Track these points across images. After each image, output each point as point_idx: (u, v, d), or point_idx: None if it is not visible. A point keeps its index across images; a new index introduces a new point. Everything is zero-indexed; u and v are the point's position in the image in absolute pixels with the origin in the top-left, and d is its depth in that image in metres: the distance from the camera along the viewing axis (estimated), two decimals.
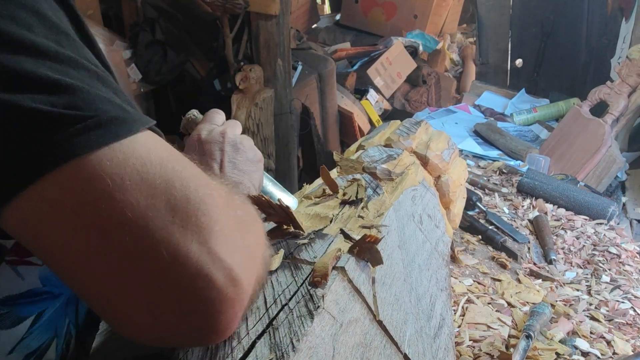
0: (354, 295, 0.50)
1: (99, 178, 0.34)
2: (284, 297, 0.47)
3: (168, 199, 0.35)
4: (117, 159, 0.35)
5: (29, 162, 0.33)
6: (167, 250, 0.35)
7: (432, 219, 0.91)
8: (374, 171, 0.87)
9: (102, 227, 0.34)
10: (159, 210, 0.35)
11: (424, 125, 1.14)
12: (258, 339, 0.41)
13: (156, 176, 0.36)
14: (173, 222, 0.35)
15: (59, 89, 0.34)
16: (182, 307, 0.36)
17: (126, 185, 0.34)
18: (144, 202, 0.35)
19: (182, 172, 0.37)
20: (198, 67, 3.17)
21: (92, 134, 0.34)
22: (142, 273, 0.35)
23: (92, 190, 0.34)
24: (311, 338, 0.41)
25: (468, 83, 3.41)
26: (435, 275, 0.77)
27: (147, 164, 0.36)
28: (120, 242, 0.34)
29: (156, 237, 0.35)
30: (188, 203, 0.36)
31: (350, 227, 0.63)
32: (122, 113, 0.37)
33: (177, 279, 0.35)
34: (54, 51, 0.35)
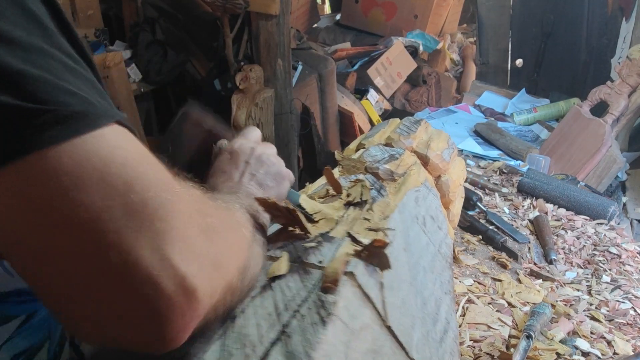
0: (364, 301, 0.50)
1: (56, 175, 0.33)
2: (295, 303, 0.46)
3: (125, 202, 0.35)
4: (77, 156, 0.34)
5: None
6: (118, 255, 0.34)
7: (435, 221, 0.90)
8: (376, 171, 0.86)
9: (55, 224, 0.34)
10: (113, 213, 0.34)
11: (424, 124, 1.14)
12: (272, 346, 0.41)
13: (115, 177, 0.35)
14: (127, 226, 0.34)
15: (22, 78, 0.33)
16: (129, 313, 0.35)
17: (83, 185, 0.34)
18: (100, 204, 0.34)
19: (144, 174, 0.36)
20: (198, 67, 3.17)
21: (51, 129, 0.33)
22: (91, 275, 0.34)
23: (48, 186, 0.33)
24: (325, 346, 0.41)
25: (468, 83, 3.41)
26: (440, 278, 0.77)
27: (109, 164, 0.35)
28: (72, 241, 0.34)
29: (108, 240, 0.34)
30: (145, 207, 0.35)
31: (356, 230, 0.63)
32: (86, 107, 0.35)
33: (125, 284, 0.34)
34: (22, 40, 0.34)
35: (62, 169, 0.33)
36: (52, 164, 0.33)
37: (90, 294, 0.35)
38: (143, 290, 0.35)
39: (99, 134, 0.35)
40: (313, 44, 3.62)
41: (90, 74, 0.39)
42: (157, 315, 0.35)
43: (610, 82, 2.05)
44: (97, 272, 0.34)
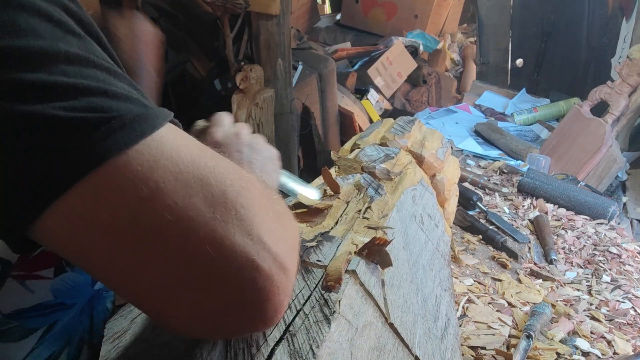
0: (366, 299, 0.50)
1: (132, 184, 0.33)
2: (298, 302, 0.47)
3: (205, 196, 0.35)
4: (147, 162, 0.34)
5: (57, 173, 0.32)
6: (212, 247, 0.34)
7: (432, 219, 0.91)
8: (373, 171, 0.87)
9: (143, 235, 0.33)
10: (198, 208, 0.34)
11: (418, 123, 1.15)
12: (277, 345, 0.41)
13: (190, 175, 0.35)
14: (214, 217, 0.35)
15: (76, 92, 0.33)
16: (231, 299, 0.35)
17: (161, 189, 0.33)
18: (182, 203, 0.34)
19: (215, 167, 0.37)
20: (198, 67, 3.17)
21: (117, 135, 0.33)
22: (190, 273, 0.34)
23: (127, 198, 0.33)
24: (330, 344, 0.41)
25: (468, 83, 3.41)
26: (439, 275, 0.78)
27: (179, 164, 0.35)
28: (165, 246, 0.34)
29: (200, 236, 0.34)
30: (226, 198, 0.35)
31: (356, 229, 0.63)
32: (143, 109, 0.35)
33: (225, 273, 0.35)
34: (64, 53, 0.34)
35: (138, 177, 0.33)
36: (127, 172, 0.33)
37: (192, 291, 0.35)
38: (244, 274, 0.35)
39: (159, 135, 0.35)
40: (313, 44, 3.62)
41: (126, 74, 0.39)
42: (259, 295, 0.36)
43: (611, 81, 2.05)
44: (196, 269, 0.34)
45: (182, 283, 0.35)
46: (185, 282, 0.35)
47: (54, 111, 0.31)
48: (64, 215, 0.32)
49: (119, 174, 0.33)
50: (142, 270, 0.34)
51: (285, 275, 0.37)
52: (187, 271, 0.34)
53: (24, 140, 0.31)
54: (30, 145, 0.31)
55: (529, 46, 2.85)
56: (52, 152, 0.31)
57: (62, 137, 0.32)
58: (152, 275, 0.34)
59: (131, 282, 0.35)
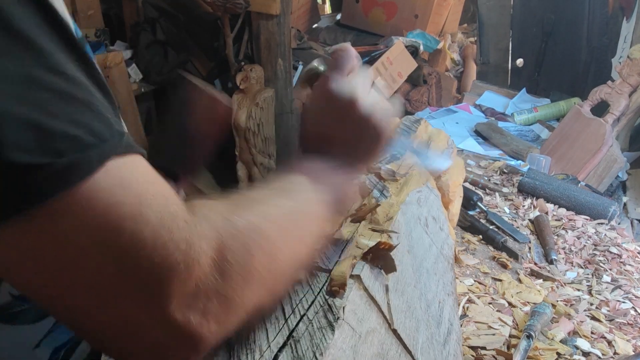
0: (370, 305, 0.50)
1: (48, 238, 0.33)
2: (302, 307, 0.46)
3: (119, 266, 0.35)
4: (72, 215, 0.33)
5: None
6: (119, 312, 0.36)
7: (437, 222, 0.90)
8: (378, 172, 0.86)
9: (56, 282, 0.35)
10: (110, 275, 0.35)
11: (424, 123, 1.14)
12: (280, 351, 0.41)
13: (109, 242, 0.34)
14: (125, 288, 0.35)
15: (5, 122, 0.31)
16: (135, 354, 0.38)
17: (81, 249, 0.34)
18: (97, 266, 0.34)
19: (141, 230, 0.35)
20: (199, 67, 3.17)
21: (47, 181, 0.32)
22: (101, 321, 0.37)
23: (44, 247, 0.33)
24: (333, 351, 0.41)
25: (469, 83, 3.41)
26: (442, 279, 0.77)
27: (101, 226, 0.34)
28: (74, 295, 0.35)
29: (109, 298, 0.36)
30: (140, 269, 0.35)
31: (360, 232, 0.62)
32: (78, 154, 0.33)
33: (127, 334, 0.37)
34: (8, 72, 0.31)
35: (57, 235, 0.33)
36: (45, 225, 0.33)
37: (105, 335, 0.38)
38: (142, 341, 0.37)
39: (91, 185, 0.33)
40: (314, 43, 3.62)
41: (90, 89, 0.36)
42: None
43: (611, 81, 2.05)
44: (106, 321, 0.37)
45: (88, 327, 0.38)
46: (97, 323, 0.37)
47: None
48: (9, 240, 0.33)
49: (38, 222, 0.32)
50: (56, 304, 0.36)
51: (189, 344, 0.38)
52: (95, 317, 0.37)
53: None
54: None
55: (529, 46, 2.84)
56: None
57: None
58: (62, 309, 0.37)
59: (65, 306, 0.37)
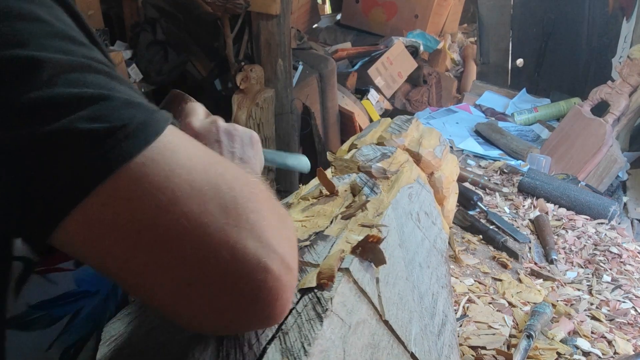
0: (360, 296, 0.50)
1: (149, 192, 0.34)
2: (291, 300, 0.46)
3: (219, 203, 0.36)
4: (163, 170, 0.35)
5: (71, 183, 0.33)
6: (226, 252, 0.36)
7: (429, 216, 0.91)
8: (369, 170, 0.87)
9: (160, 241, 0.35)
10: (213, 215, 0.36)
11: (415, 122, 1.15)
12: (268, 344, 0.41)
13: (204, 183, 0.36)
14: (227, 223, 0.36)
15: (82, 102, 0.34)
16: (243, 299, 0.37)
17: (178, 197, 0.35)
18: (198, 210, 0.35)
19: (224, 174, 0.38)
20: (199, 67, 3.17)
21: (123, 145, 0.34)
22: (205, 276, 0.36)
23: (144, 205, 0.34)
24: (322, 341, 0.41)
25: (469, 83, 3.41)
26: (436, 272, 0.77)
27: (193, 172, 0.36)
28: (182, 251, 0.35)
29: (215, 241, 0.36)
30: (237, 204, 0.37)
31: (350, 228, 0.63)
32: (146, 114, 0.36)
33: (238, 276, 0.36)
34: (66, 62, 0.35)
35: (152, 185, 0.34)
36: (141, 179, 0.34)
37: (207, 292, 0.37)
38: (256, 276, 0.37)
39: (165, 140, 0.36)
40: (314, 44, 3.62)
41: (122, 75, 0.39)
42: (269, 295, 0.38)
43: (611, 81, 2.05)
44: (210, 272, 0.36)
45: (197, 285, 0.36)
46: (201, 284, 0.36)
47: (62, 126, 0.33)
48: (82, 223, 0.34)
49: (133, 182, 0.34)
50: (159, 273, 0.36)
51: (291, 275, 0.40)
52: (203, 274, 0.36)
53: (38, 157, 0.33)
54: (44, 160, 0.33)
55: (529, 46, 2.84)
56: (65, 165, 0.33)
57: (72, 150, 0.33)
58: (168, 278, 0.36)
59: (148, 284, 0.37)
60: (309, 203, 0.75)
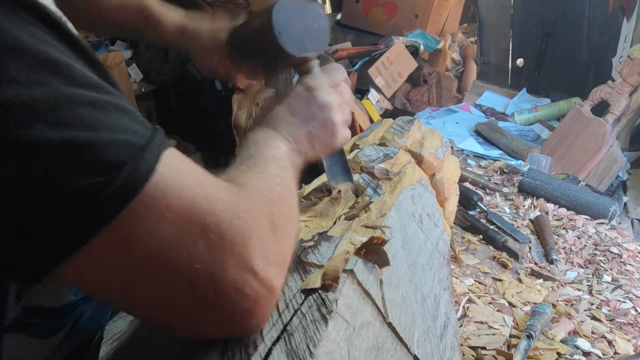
0: (364, 298, 0.51)
1: (136, 240, 0.36)
2: (296, 302, 0.47)
3: (206, 243, 0.39)
4: (151, 216, 0.36)
5: (68, 233, 0.34)
6: (210, 287, 0.39)
7: (432, 218, 0.91)
8: (372, 171, 0.87)
9: (150, 279, 0.38)
10: (200, 254, 0.38)
11: (417, 123, 1.15)
12: (274, 345, 0.42)
13: (191, 224, 0.38)
14: (213, 258, 0.39)
15: (62, 151, 0.33)
16: (223, 319, 0.41)
17: (165, 241, 0.37)
18: (185, 254, 0.38)
19: (214, 208, 0.39)
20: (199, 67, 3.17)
21: (114, 197, 0.35)
22: (189, 299, 0.40)
23: (132, 253, 0.37)
24: (327, 343, 0.42)
25: (469, 83, 3.40)
26: (438, 274, 0.77)
27: (180, 215, 0.38)
28: (171, 283, 0.39)
29: (201, 276, 0.39)
30: (223, 239, 0.39)
31: (354, 229, 0.63)
32: (134, 153, 0.36)
33: (218, 300, 0.40)
34: (50, 101, 0.33)
35: (141, 232, 0.37)
36: (130, 228, 0.36)
37: (191, 312, 0.41)
38: (233, 300, 0.40)
39: (155, 182, 0.37)
40: None
41: (113, 91, 0.39)
42: (246, 315, 0.42)
43: (611, 81, 2.05)
44: (194, 296, 0.40)
45: (183, 307, 0.40)
46: (186, 306, 0.40)
47: (54, 178, 0.33)
48: (76, 268, 0.36)
49: (124, 230, 0.36)
50: (150, 299, 0.40)
51: (272, 294, 0.43)
52: (187, 298, 0.40)
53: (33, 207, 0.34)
54: (37, 207, 0.34)
55: (529, 46, 2.84)
56: (58, 216, 0.34)
57: (63, 205, 0.34)
58: (159, 301, 0.40)
59: (141, 307, 0.41)
60: (312, 203, 0.75)
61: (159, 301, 0.39)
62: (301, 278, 0.50)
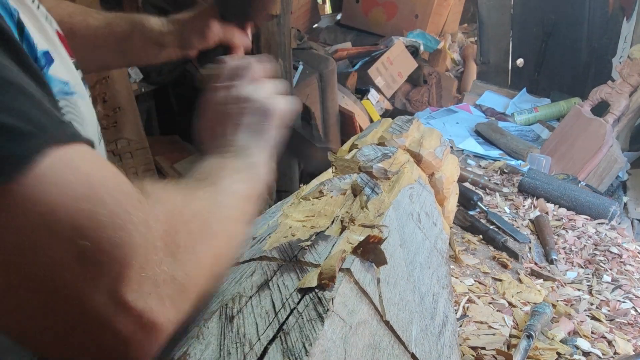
0: (361, 297, 0.50)
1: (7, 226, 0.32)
2: (292, 300, 0.47)
3: (77, 251, 0.33)
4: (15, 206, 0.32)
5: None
6: (74, 306, 0.34)
7: (430, 217, 0.91)
8: (370, 170, 0.87)
9: (11, 281, 0.33)
10: (66, 265, 0.33)
11: (416, 122, 1.15)
12: (269, 344, 0.41)
13: (63, 223, 0.33)
14: (82, 274, 0.34)
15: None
16: (93, 353, 0.36)
17: (31, 241, 0.32)
18: (50, 259, 0.33)
19: (96, 213, 0.34)
20: (199, 67, 3.17)
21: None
22: (55, 323, 0.35)
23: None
24: (323, 342, 0.41)
25: (469, 83, 3.41)
26: (436, 273, 0.77)
27: (55, 209, 0.33)
28: (33, 296, 0.33)
29: (65, 293, 0.34)
30: (98, 252, 0.34)
31: (351, 228, 0.63)
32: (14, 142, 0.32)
33: (85, 330, 0.35)
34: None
35: (8, 224, 0.32)
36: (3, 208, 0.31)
37: (58, 338, 0.35)
38: (102, 334, 0.35)
39: (35, 174, 0.32)
40: (314, 43, 3.61)
41: (23, 77, 0.36)
42: (117, 353, 0.36)
43: (611, 81, 2.05)
44: (59, 321, 0.35)
45: (51, 330, 0.35)
46: (54, 330, 0.35)
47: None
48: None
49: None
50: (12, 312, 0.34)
51: (150, 332, 0.37)
52: (53, 321, 0.35)
53: None
54: None
55: (529, 46, 2.84)
56: None
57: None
58: (20, 316, 0.34)
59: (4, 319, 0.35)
60: (310, 203, 0.74)
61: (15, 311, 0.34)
62: (298, 277, 0.50)
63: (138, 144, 2.86)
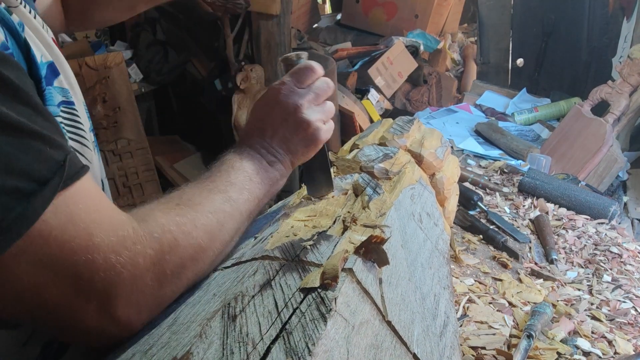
0: (363, 297, 0.51)
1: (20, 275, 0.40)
2: (295, 300, 0.47)
3: (75, 288, 0.42)
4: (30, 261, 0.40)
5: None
6: (69, 316, 0.43)
7: (431, 217, 0.91)
8: (371, 170, 0.87)
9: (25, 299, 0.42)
10: (65, 295, 0.42)
11: (417, 123, 1.15)
12: (272, 343, 0.42)
13: (65, 268, 0.41)
14: (78, 304, 0.43)
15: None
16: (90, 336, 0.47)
17: (43, 283, 0.41)
18: (54, 294, 0.42)
19: (91, 260, 0.42)
20: (199, 67, 3.17)
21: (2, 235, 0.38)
22: (57, 324, 0.45)
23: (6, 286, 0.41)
24: (326, 341, 0.41)
25: (469, 83, 3.41)
26: (438, 273, 0.78)
27: (59, 257, 0.41)
28: (34, 308, 0.43)
29: (63, 313, 0.43)
30: (93, 289, 0.43)
31: (353, 228, 0.63)
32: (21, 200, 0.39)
33: (78, 335, 0.46)
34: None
35: (23, 271, 0.40)
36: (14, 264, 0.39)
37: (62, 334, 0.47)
38: (88, 336, 0.46)
39: (40, 227, 0.40)
40: (314, 43, 3.62)
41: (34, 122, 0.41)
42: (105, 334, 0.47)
43: (611, 81, 2.05)
44: (62, 328, 0.45)
45: (55, 326, 0.46)
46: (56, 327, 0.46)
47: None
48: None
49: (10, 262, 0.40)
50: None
51: (131, 331, 0.47)
52: (55, 324, 0.45)
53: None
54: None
55: (529, 46, 2.84)
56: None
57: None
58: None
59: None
60: (312, 203, 0.75)
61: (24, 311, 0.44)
62: (300, 277, 0.50)
63: (138, 144, 2.87)
